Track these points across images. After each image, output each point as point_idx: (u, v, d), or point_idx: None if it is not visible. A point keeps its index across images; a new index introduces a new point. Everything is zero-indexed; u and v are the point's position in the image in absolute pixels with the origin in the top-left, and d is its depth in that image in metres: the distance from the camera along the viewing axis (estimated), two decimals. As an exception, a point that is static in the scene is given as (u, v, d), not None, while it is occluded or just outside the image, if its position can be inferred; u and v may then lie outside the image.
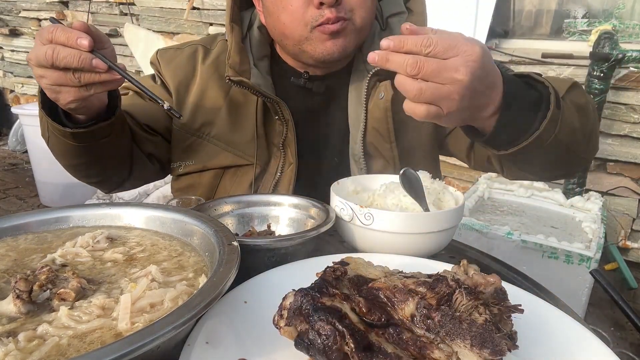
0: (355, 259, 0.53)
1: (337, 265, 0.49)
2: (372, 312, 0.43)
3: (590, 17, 2.84)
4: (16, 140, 4.70)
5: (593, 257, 1.87)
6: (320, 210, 0.76)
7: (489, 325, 0.41)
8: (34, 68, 0.73)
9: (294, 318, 0.43)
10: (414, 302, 0.43)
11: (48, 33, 0.69)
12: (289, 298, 0.44)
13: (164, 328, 0.38)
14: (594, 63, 2.43)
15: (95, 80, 0.71)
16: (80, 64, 0.69)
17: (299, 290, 0.44)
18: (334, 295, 0.44)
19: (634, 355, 0.57)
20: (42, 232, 0.65)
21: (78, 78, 0.71)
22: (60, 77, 0.71)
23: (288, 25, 0.92)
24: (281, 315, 0.44)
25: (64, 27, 0.70)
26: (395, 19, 1.05)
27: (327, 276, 0.46)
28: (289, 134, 1.01)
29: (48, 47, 0.69)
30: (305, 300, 0.42)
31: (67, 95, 0.74)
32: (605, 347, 0.49)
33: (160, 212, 0.67)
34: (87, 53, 0.69)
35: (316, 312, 0.41)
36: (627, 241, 2.78)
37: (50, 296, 0.49)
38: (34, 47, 0.72)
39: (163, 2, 3.84)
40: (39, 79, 0.73)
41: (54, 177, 3.45)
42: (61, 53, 0.68)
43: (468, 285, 0.45)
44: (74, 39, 0.68)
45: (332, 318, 0.41)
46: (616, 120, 2.64)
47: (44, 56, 0.69)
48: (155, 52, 1.11)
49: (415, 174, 0.77)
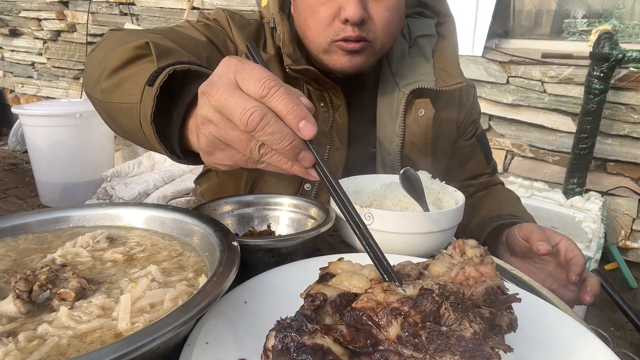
0: (342, 265, 0.52)
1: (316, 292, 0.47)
2: (357, 339, 0.43)
3: (590, 17, 2.85)
4: (16, 140, 4.70)
5: (593, 257, 1.87)
6: (320, 210, 0.76)
7: (477, 338, 0.40)
8: (207, 108, 0.50)
9: (280, 358, 0.42)
10: (397, 323, 0.43)
11: (262, 85, 0.47)
12: (270, 339, 0.43)
13: (164, 328, 0.38)
14: (594, 63, 2.43)
15: (283, 168, 0.52)
16: (285, 149, 0.48)
17: (278, 329, 0.43)
18: (314, 332, 0.43)
19: (634, 355, 0.57)
20: (42, 232, 0.65)
21: (261, 155, 0.50)
22: (241, 141, 0.49)
23: (312, 31, 0.94)
24: (267, 356, 0.43)
25: (288, 91, 0.48)
26: (425, 40, 1.09)
27: (305, 310, 0.44)
28: (337, 120, 1.03)
29: (257, 107, 0.46)
30: (285, 342, 0.42)
31: (226, 158, 0.54)
32: (605, 347, 0.49)
33: (160, 212, 0.66)
34: (301, 141, 0.49)
35: (298, 354, 0.40)
36: (627, 241, 2.78)
37: (50, 296, 0.49)
38: (225, 81, 0.49)
39: (163, 2, 3.85)
40: (203, 123, 0.51)
41: (54, 177, 3.45)
42: (271, 126, 0.47)
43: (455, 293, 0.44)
44: (296, 121, 0.47)
45: (314, 358, 0.40)
46: (616, 120, 2.65)
47: (243, 113, 0.46)
48: (221, 10, 1.05)
49: (415, 174, 0.77)
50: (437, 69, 1.03)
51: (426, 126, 1.04)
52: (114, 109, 0.76)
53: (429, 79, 1.01)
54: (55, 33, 4.62)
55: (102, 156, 3.58)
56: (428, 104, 1.03)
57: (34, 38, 4.80)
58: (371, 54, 0.95)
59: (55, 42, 4.68)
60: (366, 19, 0.90)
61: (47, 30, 4.64)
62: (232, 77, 0.49)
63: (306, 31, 0.95)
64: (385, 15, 0.91)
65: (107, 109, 0.80)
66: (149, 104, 0.64)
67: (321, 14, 0.91)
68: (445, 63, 1.04)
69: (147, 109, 0.64)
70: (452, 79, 1.02)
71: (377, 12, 0.90)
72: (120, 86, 0.73)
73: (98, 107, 0.85)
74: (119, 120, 0.77)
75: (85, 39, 4.35)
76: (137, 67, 0.74)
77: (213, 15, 1.05)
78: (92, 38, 4.34)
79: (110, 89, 0.75)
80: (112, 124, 0.84)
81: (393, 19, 0.93)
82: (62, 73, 4.75)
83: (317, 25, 0.92)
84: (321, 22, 0.91)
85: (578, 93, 2.64)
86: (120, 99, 0.73)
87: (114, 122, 0.81)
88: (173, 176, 3.16)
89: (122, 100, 0.72)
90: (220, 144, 0.52)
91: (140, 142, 0.75)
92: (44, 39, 4.73)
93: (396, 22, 0.95)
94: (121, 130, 0.81)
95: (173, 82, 0.65)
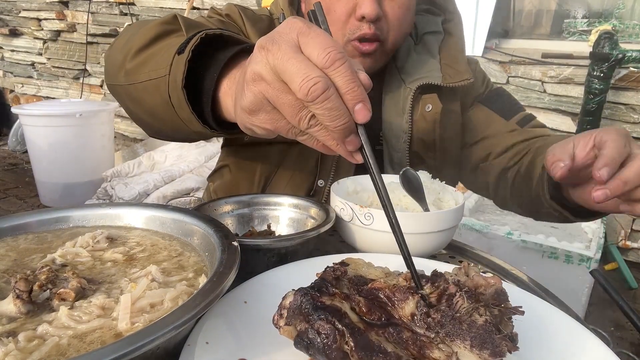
0: (356, 260, 0.53)
1: (337, 265, 0.49)
2: (372, 312, 0.43)
3: (590, 17, 2.84)
4: (16, 140, 4.71)
5: (593, 257, 1.87)
6: (320, 210, 0.76)
7: (489, 326, 0.41)
8: (263, 64, 0.47)
9: (294, 317, 0.43)
10: (414, 300, 0.43)
11: (327, 54, 0.45)
12: (288, 297, 0.44)
13: (164, 328, 0.38)
14: (594, 63, 2.43)
15: (327, 144, 0.50)
16: (337, 128, 0.46)
17: (298, 289, 0.44)
18: (333, 295, 0.44)
19: (634, 355, 0.57)
20: (42, 232, 0.65)
21: (309, 126, 0.48)
22: (292, 107, 0.47)
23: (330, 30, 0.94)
24: (281, 315, 0.44)
25: (350, 66, 0.46)
26: (431, 37, 1.08)
27: (327, 276, 0.46)
28: None
29: (321, 78, 0.44)
30: (305, 300, 0.42)
31: (268, 121, 0.51)
32: (605, 347, 0.49)
33: (160, 212, 0.66)
34: (353, 123, 0.47)
35: (316, 311, 0.41)
36: (627, 241, 2.78)
37: (50, 296, 0.49)
38: (287, 41, 0.46)
39: (163, 2, 3.85)
40: (254, 80, 0.49)
41: (54, 177, 3.45)
42: (331, 101, 0.45)
43: (468, 288, 0.45)
44: (354, 102, 0.46)
45: (332, 317, 0.41)
46: (616, 120, 2.65)
47: (306, 81, 0.44)
48: (233, 5, 1.03)
49: (415, 174, 0.77)
50: (444, 65, 1.03)
51: (434, 121, 1.03)
52: (138, 89, 0.75)
53: (435, 75, 1.01)
54: (55, 33, 4.62)
55: (102, 156, 3.58)
56: (435, 99, 1.02)
57: (34, 38, 4.81)
58: (382, 55, 0.95)
59: (55, 42, 4.68)
60: (381, 16, 0.89)
61: (47, 30, 4.64)
62: (295, 38, 0.46)
63: None
64: (398, 12, 0.91)
65: (130, 92, 0.78)
66: (180, 69, 0.63)
67: (337, 12, 0.90)
68: (451, 59, 1.04)
69: (178, 75, 0.63)
70: (460, 75, 1.02)
71: (391, 9, 0.90)
72: (147, 63, 0.72)
73: (120, 94, 0.83)
74: (144, 100, 0.76)
75: (85, 39, 4.35)
76: (165, 43, 0.73)
77: (225, 10, 1.03)
78: (92, 38, 4.35)
79: (136, 69, 0.74)
80: (134, 109, 0.82)
81: (406, 17, 0.93)
82: (62, 73, 4.75)
83: (334, 24, 0.91)
84: (337, 21, 0.90)
85: (578, 93, 2.65)
86: (147, 76, 0.71)
87: (138, 105, 0.79)
88: (173, 176, 3.16)
89: (148, 77, 0.71)
90: (267, 105, 0.49)
91: (167, 118, 0.72)
92: (44, 39, 4.73)
93: (408, 20, 0.96)
94: (146, 112, 0.79)
95: (203, 50, 0.64)
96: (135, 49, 0.75)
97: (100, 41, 4.34)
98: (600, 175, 0.63)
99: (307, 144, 0.52)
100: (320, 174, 1.03)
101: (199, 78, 0.65)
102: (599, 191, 0.63)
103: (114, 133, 3.75)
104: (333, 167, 1.02)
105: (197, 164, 3.28)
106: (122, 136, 4.51)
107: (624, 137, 0.67)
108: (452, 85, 1.01)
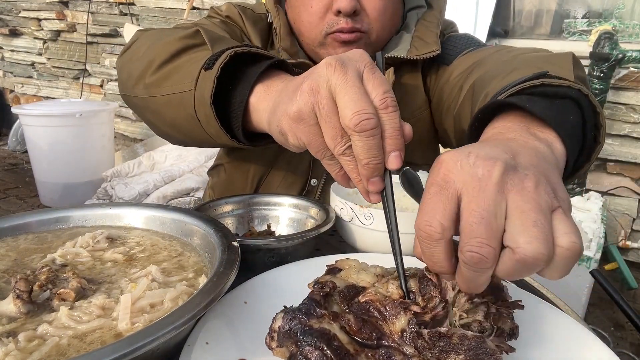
0: (349, 262, 0.53)
1: (326, 280, 0.48)
2: (363, 330, 0.43)
3: (590, 17, 2.84)
4: (16, 140, 4.70)
5: (593, 257, 1.87)
6: (320, 210, 0.76)
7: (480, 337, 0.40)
8: (324, 80, 0.48)
9: (284, 340, 0.42)
10: (405, 317, 0.43)
11: (385, 97, 0.47)
12: (277, 320, 0.43)
13: (164, 328, 0.38)
14: (594, 63, 2.43)
15: (351, 176, 0.51)
16: (368, 165, 0.48)
17: (286, 312, 0.44)
18: (321, 317, 0.43)
19: (634, 355, 0.57)
20: (42, 232, 0.65)
21: (342, 154, 0.49)
22: (335, 129, 0.48)
23: (306, 25, 0.93)
24: (272, 338, 0.43)
25: (398, 116, 0.48)
26: (413, 12, 1.05)
27: (314, 295, 0.45)
28: None
29: (374, 116, 0.46)
30: (292, 324, 0.42)
31: (306, 134, 0.51)
32: (605, 347, 0.49)
33: (160, 212, 0.66)
34: (383, 166, 0.49)
35: (304, 337, 0.41)
36: (627, 241, 2.78)
37: (50, 296, 0.49)
38: (355, 69, 0.48)
39: (163, 2, 3.84)
40: (312, 89, 0.49)
41: (54, 177, 3.45)
42: (374, 139, 0.46)
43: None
44: (392, 148, 0.48)
45: (320, 342, 0.40)
46: (616, 120, 2.65)
47: (360, 113, 0.45)
48: (231, 4, 1.03)
49: (415, 174, 0.77)
50: (415, 37, 0.98)
51: None
52: (159, 103, 0.76)
53: (403, 47, 0.97)
54: (55, 33, 4.61)
55: (102, 156, 3.58)
56: (390, 73, 0.96)
57: (34, 38, 4.80)
58: (367, 45, 0.94)
59: (55, 42, 4.68)
60: (359, 10, 0.89)
61: (47, 30, 4.64)
62: (362, 70, 0.48)
63: (300, 26, 0.95)
64: (378, 5, 0.90)
65: (150, 104, 0.79)
66: (208, 86, 0.65)
67: (314, 7, 0.90)
68: (424, 31, 0.99)
69: (206, 92, 0.65)
70: (427, 47, 0.95)
71: (369, 2, 0.90)
72: (170, 77, 0.74)
73: (138, 107, 0.84)
74: (166, 113, 0.77)
75: (85, 39, 4.35)
76: (188, 57, 0.74)
77: (225, 12, 1.03)
78: (92, 38, 4.34)
79: (158, 82, 0.75)
80: (154, 120, 0.83)
81: (387, 9, 0.92)
82: (62, 73, 4.75)
83: (311, 19, 0.91)
84: (314, 16, 0.91)
85: (578, 93, 2.64)
86: (170, 90, 0.73)
87: (158, 117, 0.80)
88: (173, 176, 3.16)
89: (171, 91, 0.72)
90: (312, 118, 0.50)
91: (189, 132, 0.74)
92: (44, 39, 4.73)
93: (390, 12, 0.94)
94: (167, 125, 0.80)
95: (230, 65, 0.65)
96: (157, 63, 0.76)
97: (100, 41, 4.34)
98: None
99: (329, 169, 0.53)
100: (313, 173, 1.03)
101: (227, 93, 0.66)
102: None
103: (114, 133, 3.74)
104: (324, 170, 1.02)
105: (197, 164, 3.27)
106: (122, 136, 4.51)
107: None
108: (415, 57, 0.94)
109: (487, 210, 0.37)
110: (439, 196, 0.40)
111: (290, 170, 1.03)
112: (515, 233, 0.36)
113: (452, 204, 0.39)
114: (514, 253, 0.36)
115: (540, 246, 0.35)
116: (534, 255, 0.35)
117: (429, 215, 0.40)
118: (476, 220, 0.37)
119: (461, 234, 0.38)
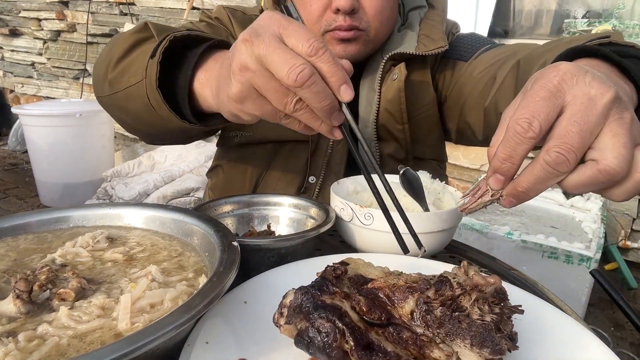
0: (356, 260, 0.53)
1: (337, 265, 0.49)
2: (372, 311, 0.43)
3: (590, 17, 2.85)
4: (16, 140, 4.71)
5: (593, 257, 1.87)
6: (320, 210, 0.76)
7: (488, 325, 0.41)
8: (247, 55, 0.50)
9: (294, 316, 0.43)
10: (414, 298, 0.44)
11: (310, 44, 0.49)
12: (289, 296, 0.44)
13: (164, 328, 0.38)
14: (594, 63, 2.43)
15: (311, 125, 0.54)
16: (324, 108, 0.51)
17: (299, 288, 0.44)
18: (334, 294, 0.44)
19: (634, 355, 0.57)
20: (42, 232, 0.65)
21: (295, 110, 0.52)
22: (278, 92, 0.51)
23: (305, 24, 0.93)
24: (281, 314, 0.44)
25: (331, 54, 0.50)
26: (415, 12, 1.06)
27: (327, 275, 0.46)
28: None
29: (306, 65, 0.48)
30: (305, 298, 0.42)
31: (256, 107, 0.54)
32: (605, 347, 0.49)
33: (160, 212, 0.66)
34: (337, 102, 0.52)
35: (316, 310, 0.41)
36: (627, 241, 2.78)
37: (50, 296, 0.49)
38: (270, 34, 0.50)
39: (163, 2, 3.84)
40: (241, 70, 0.51)
41: (54, 177, 3.45)
42: (317, 85, 0.49)
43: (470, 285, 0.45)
44: (339, 84, 0.51)
45: (332, 316, 0.41)
46: (616, 120, 2.64)
47: (293, 69, 0.48)
48: (222, 7, 1.05)
49: (415, 174, 0.77)
50: (421, 35, 1.01)
51: (398, 90, 0.98)
52: (121, 98, 0.79)
53: (411, 44, 0.99)
54: (55, 33, 4.62)
55: (102, 156, 3.58)
56: (402, 68, 0.98)
57: (34, 38, 4.80)
58: (365, 43, 0.94)
59: (55, 42, 4.68)
60: (357, 8, 0.90)
61: (47, 30, 4.64)
62: (277, 31, 0.50)
63: None
64: (376, 3, 0.91)
65: (116, 101, 0.82)
66: (153, 71, 0.68)
67: (312, 6, 0.91)
68: (429, 29, 1.01)
69: (152, 77, 0.68)
70: (435, 43, 0.98)
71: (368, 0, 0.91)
72: (126, 72, 0.77)
73: (108, 105, 0.86)
74: (129, 107, 0.79)
75: (85, 39, 4.35)
76: (140, 50, 0.77)
77: (214, 13, 1.05)
78: (92, 38, 4.34)
79: (117, 78, 0.78)
80: (123, 117, 0.85)
81: (385, 7, 0.93)
82: (62, 73, 4.75)
83: (309, 18, 0.92)
84: (313, 14, 0.91)
85: (578, 93, 2.64)
86: (127, 83, 0.75)
87: (125, 113, 0.83)
88: (173, 176, 3.16)
89: (128, 84, 0.75)
90: (253, 92, 0.53)
91: (152, 122, 0.76)
92: (44, 39, 4.73)
93: (388, 10, 0.95)
94: (132, 118, 0.83)
95: (174, 51, 0.69)
96: (114, 61, 0.79)
97: (100, 41, 4.34)
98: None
99: (290, 126, 0.56)
100: (310, 170, 1.03)
101: (174, 77, 0.69)
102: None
103: (114, 133, 3.75)
104: (324, 164, 1.03)
105: (197, 164, 3.28)
106: (122, 136, 4.51)
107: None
108: (424, 53, 0.97)
109: (587, 125, 0.41)
110: (547, 101, 0.43)
111: (288, 168, 1.03)
112: (605, 149, 0.42)
113: (555, 112, 0.43)
114: (597, 164, 0.42)
115: (624, 164, 0.41)
116: (616, 169, 0.41)
117: (531, 114, 0.43)
118: (575, 130, 0.41)
119: (551, 138, 0.43)
